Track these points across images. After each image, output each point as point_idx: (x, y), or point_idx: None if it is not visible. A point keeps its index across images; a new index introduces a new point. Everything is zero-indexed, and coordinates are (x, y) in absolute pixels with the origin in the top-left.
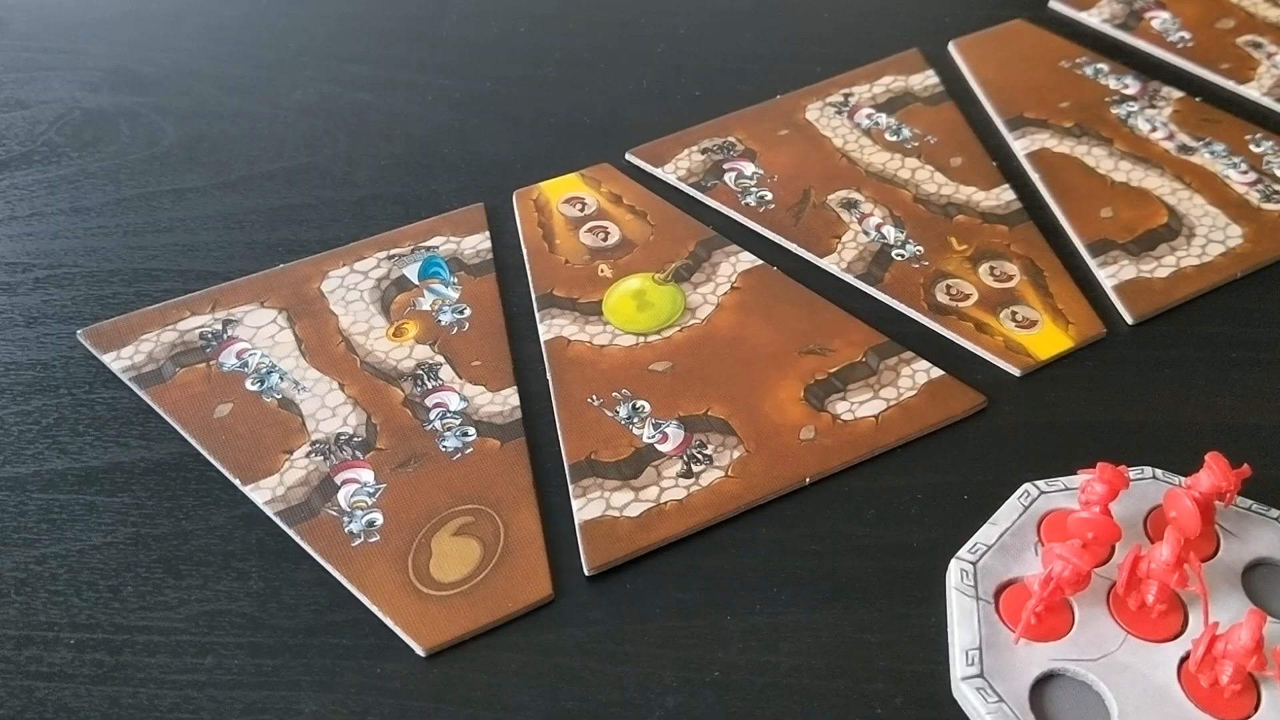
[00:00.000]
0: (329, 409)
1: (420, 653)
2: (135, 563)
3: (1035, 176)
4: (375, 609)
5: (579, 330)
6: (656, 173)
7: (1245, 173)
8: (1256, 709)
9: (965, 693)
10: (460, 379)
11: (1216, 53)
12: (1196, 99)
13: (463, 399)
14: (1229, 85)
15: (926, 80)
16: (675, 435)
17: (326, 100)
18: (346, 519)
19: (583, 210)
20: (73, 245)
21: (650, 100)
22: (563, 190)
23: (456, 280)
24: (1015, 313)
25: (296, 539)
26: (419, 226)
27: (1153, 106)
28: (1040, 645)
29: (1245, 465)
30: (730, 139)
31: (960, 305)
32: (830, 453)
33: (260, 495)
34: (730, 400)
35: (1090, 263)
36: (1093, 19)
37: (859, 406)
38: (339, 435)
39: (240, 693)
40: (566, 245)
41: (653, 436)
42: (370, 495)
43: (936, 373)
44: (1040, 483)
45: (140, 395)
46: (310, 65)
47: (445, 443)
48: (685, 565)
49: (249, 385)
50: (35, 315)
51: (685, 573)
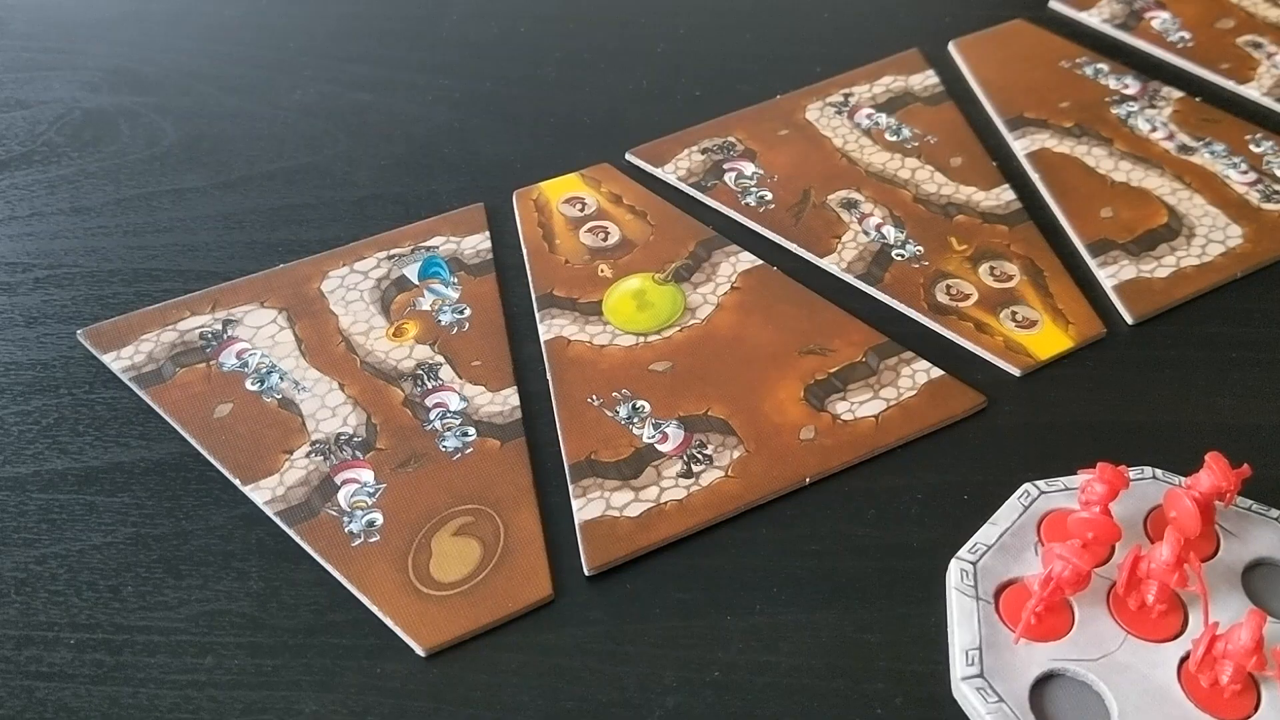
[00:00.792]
0: (329, 409)
1: (420, 653)
2: (135, 563)
3: (1035, 176)
4: (375, 609)
5: (579, 330)
6: (656, 173)
7: (1245, 173)
8: (1256, 709)
9: (965, 693)
10: (460, 379)
11: (1216, 53)
12: (1196, 99)
13: (463, 399)
14: (1229, 85)
15: (926, 80)
16: (675, 435)
17: (326, 100)
18: (346, 519)
19: (583, 210)
20: (73, 245)
21: (650, 100)
22: (563, 190)
23: (456, 280)
24: (1015, 313)
25: (296, 539)
26: (419, 226)
27: (1153, 106)
28: (1040, 645)
29: (1245, 465)
30: (730, 139)
31: (960, 305)
32: (830, 453)
33: (260, 495)
34: (730, 400)
35: (1090, 263)
36: (1093, 19)
37: (859, 406)
38: (339, 435)
39: (240, 693)
40: (566, 245)
41: (653, 436)
42: (370, 495)
43: (936, 373)
44: (1040, 483)
45: (140, 395)
46: (310, 65)
47: (445, 443)
48: (685, 565)
49: (249, 385)
50: (35, 315)
51: (685, 573)
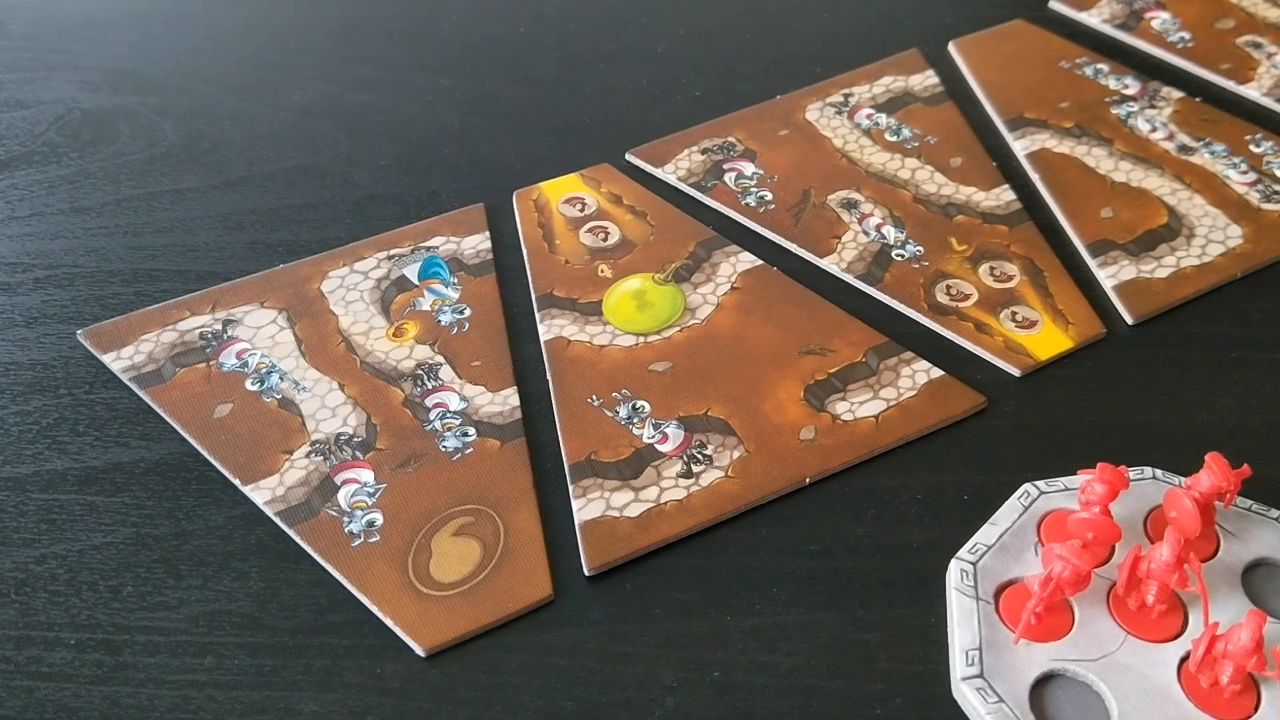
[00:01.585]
0: (329, 409)
1: (420, 653)
2: (135, 563)
3: (1035, 176)
4: (375, 609)
5: (579, 330)
6: (656, 173)
7: (1245, 173)
8: (1256, 709)
9: (965, 693)
10: (460, 379)
11: (1216, 53)
12: (1196, 99)
13: (463, 399)
14: (1229, 85)
15: (926, 80)
16: (675, 435)
17: (326, 100)
18: (346, 519)
19: (583, 210)
20: (73, 245)
21: (650, 100)
22: (563, 190)
23: (456, 280)
24: (1015, 313)
25: (296, 539)
26: (419, 226)
27: (1153, 107)
28: (1040, 645)
29: (1245, 465)
30: (730, 139)
31: (960, 305)
32: (830, 453)
33: (260, 495)
34: (730, 400)
35: (1090, 263)
36: (1093, 19)
37: (859, 407)
38: (339, 435)
39: (240, 693)
40: (566, 245)
41: (653, 437)
42: (370, 495)
43: (936, 373)
44: (1040, 483)
45: (140, 395)
46: (310, 65)
47: (445, 443)
48: (685, 565)
49: (249, 385)
50: (35, 315)
51: (685, 573)
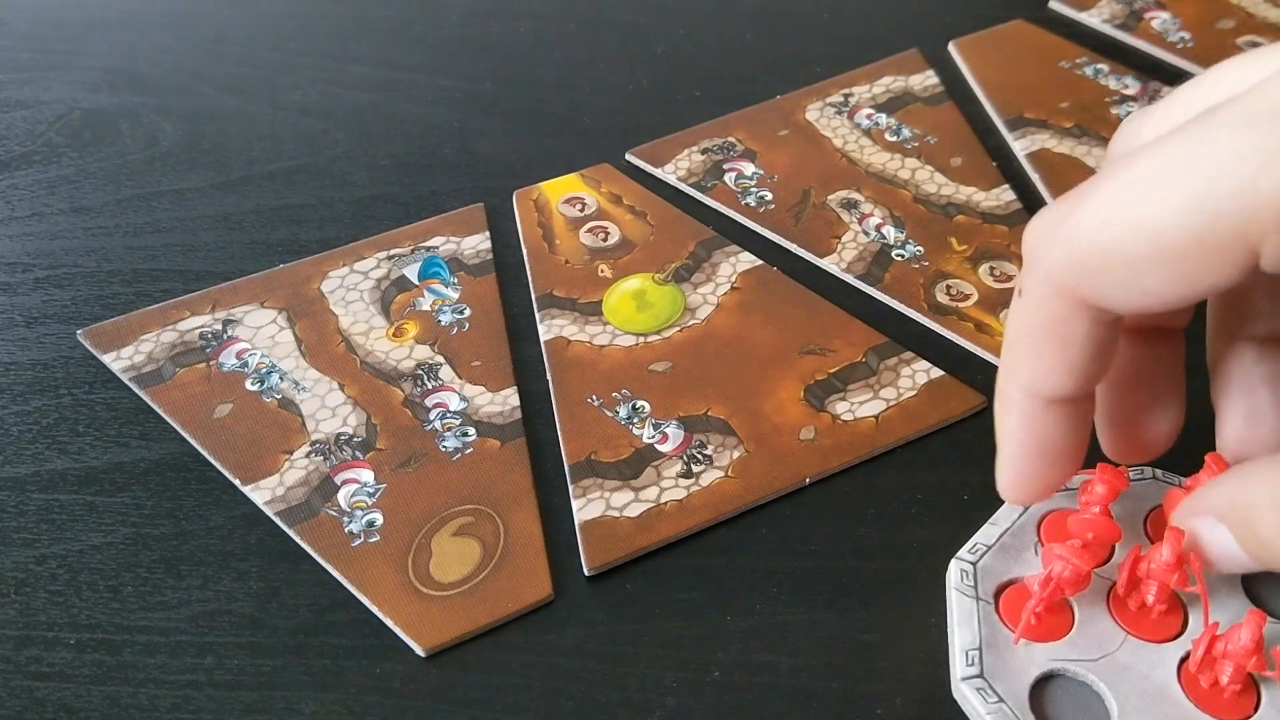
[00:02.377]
0: (329, 409)
1: (420, 653)
2: (135, 563)
3: (1035, 177)
4: (375, 609)
5: (579, 330)
6: (656, 173)
7: None
8: (1256, 709)
9: (965, 693)
10: (460, 379)
11: (1216, 53)
12: None
13: (463, 399)
14: None
15: (926, 80)
16: (675, 435)
17: (326, 100)
18: (346, 519)
19: (583, 210)
20: (73, 245)
21: (650, 100)
22: (563, 190)
23: (456, 280)
24: None
25: (296, 539)
26: (419, 226)
27: None
28: (1040, 645)
29: None
30: (730, 139)
31: (960, 305)
32: (830, 453)
33: (260, 495)
34: (730, 400)
35: None
36: (1093, 19)
37: (859, 407)
38: (339, 435)
39: (240, 693)
40: (566, 245)
41: (653, 437)
42: (370, 495)
43: (936, 373)
44: None
45: (140, 395)
46: (310, 65)
47: (445, 443)
48: (685, 565)
49: (249, 385)
50: (35, 315)
51: (685, 573)
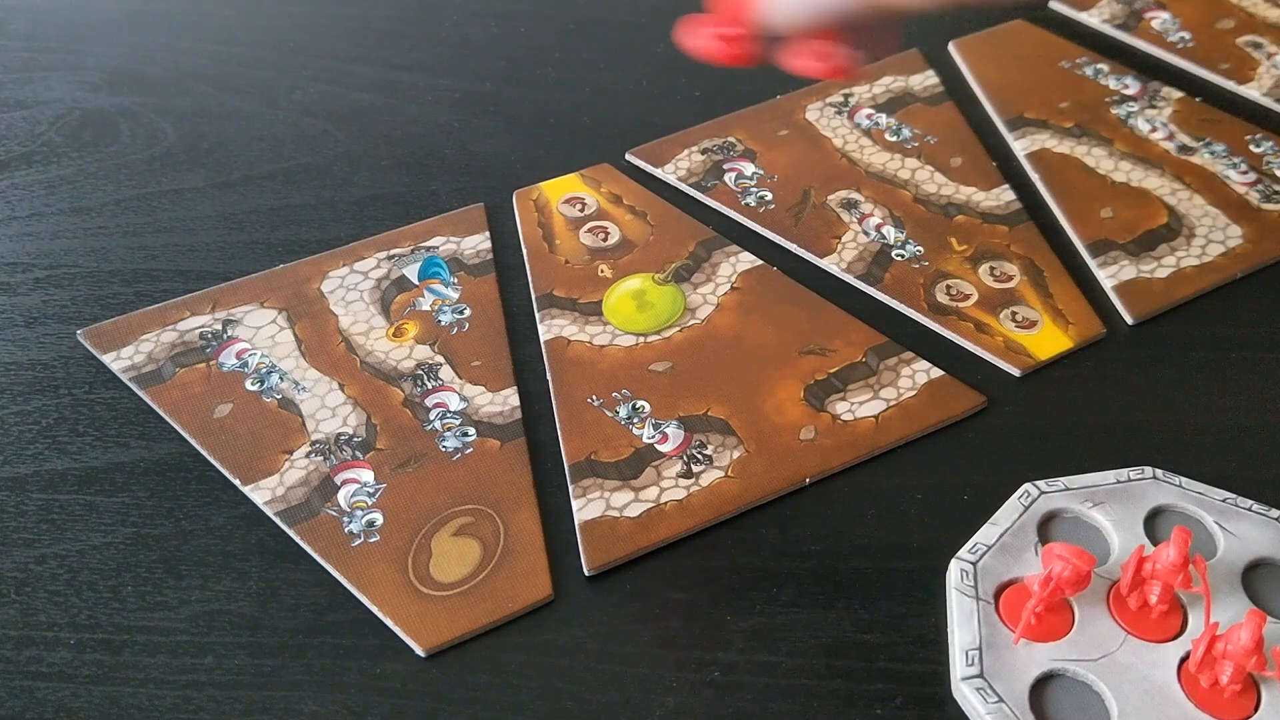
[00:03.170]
0: (329, 409)
1: (420, 653)
2: (135, 563)
3: (1035, 177)
4: (375, 609)
5: (579, 330)
6: (656, 173)
7: (1245, 173)
8: (1256, 709)
9: (965, 693)
10: (460, 379)
11: (1216, 53)
12: (1196, 99)
13: (463, 399)
14: (1229, 85)
15: (926, 80)
16: (675, 435)
17: (326, 100)
18: (346, 519)
19: (583, 210)
20: (73, 245)
21: (650, 100)
22: (563, 190)
23: (456, 280)
24: (1015, 313)
25: (296, 539)
26: (419, 227)
27: (1153, 107)
28: (1040, 645)
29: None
30: (730, 139)
31: (960, 305)
32: (830, 453)
33: (260, 495)
34: (730, 400)
35: (1090, 263)
36: (1093, 19)
37: (859, 407)
38: (339, 435)
39: (240, 693)
40: (566, 245)
41: (653, 437)
42: (370, 495)
43: (936, 373)
44: (1040, 483)
45: (140, 395)
46: (310, 65)
47: (445, 443)
48: (685, 565)
49: (249, 385)
50: (35, 315)
51: (685, 573)
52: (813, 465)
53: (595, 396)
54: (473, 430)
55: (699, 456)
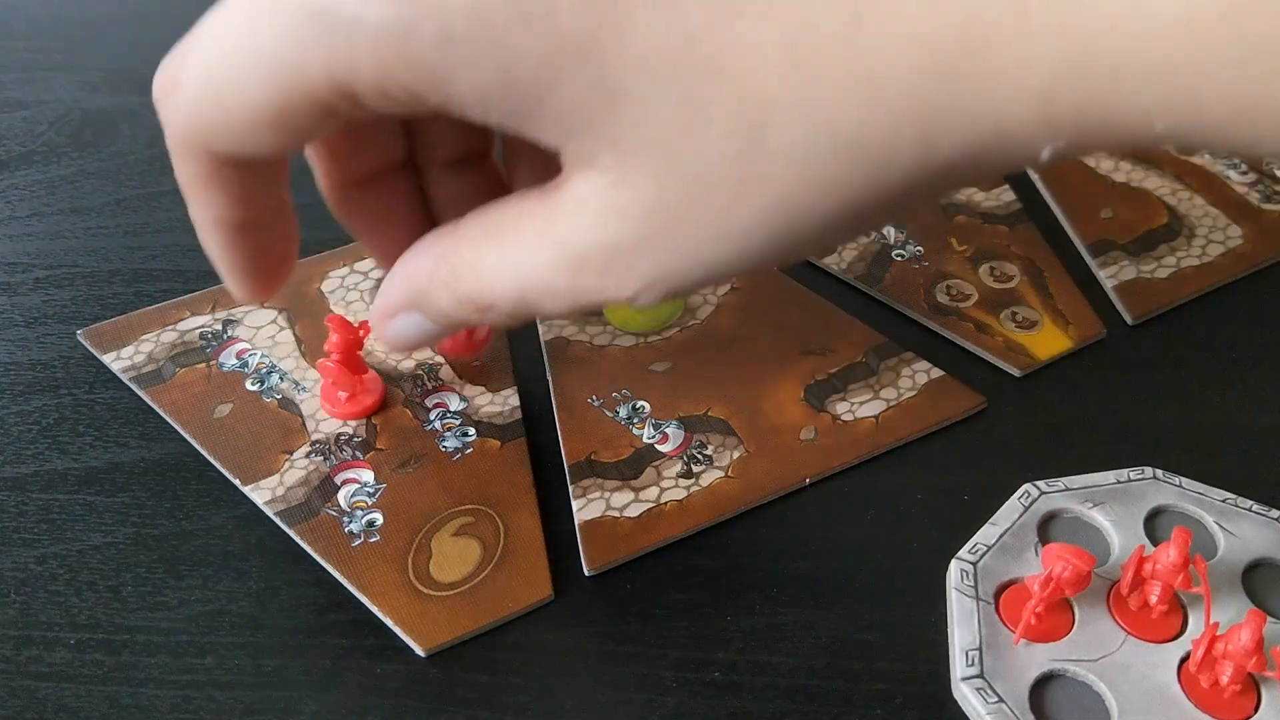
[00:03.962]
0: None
1: (420, 653)
2: (135, 563)
3: (1035, 177)
4: (375, 609)
5: (579, 330)
6: None
7: (1245, 173)
8: (1257, 709)
9: (965, 693)
10: (460, 379)
11: None
12: None
13: (463, 399)
14: None
15: None
16: (675, 435)
17: None
18: (346, 519)
19: None
20: (73, 245)
21: None
22: None
23: None
24: (1015, 313)
25: (296, 539)
26: None
27: None
28: (1040, 646)
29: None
30: None
31: (960, 306)
32: (830, 453)
33: (260, 495)
34: (730, 400)
35: (1090, 263)
36: None
37: (859, 407)
38: (339, 435)
39: (240, 693)
40: None
41: (653, 437)
42: (370, 495)
43: (936, 373)
44: (1040, 483)
45: (140, 395)
46: None
47: (445, 443)
48: (685, 565)
49: (249, 385)
50: (35, 315)
51: (685, 573)
52: (813, 465)
53: (595, 396)
54: (473, 430)
55: (699, 457)
